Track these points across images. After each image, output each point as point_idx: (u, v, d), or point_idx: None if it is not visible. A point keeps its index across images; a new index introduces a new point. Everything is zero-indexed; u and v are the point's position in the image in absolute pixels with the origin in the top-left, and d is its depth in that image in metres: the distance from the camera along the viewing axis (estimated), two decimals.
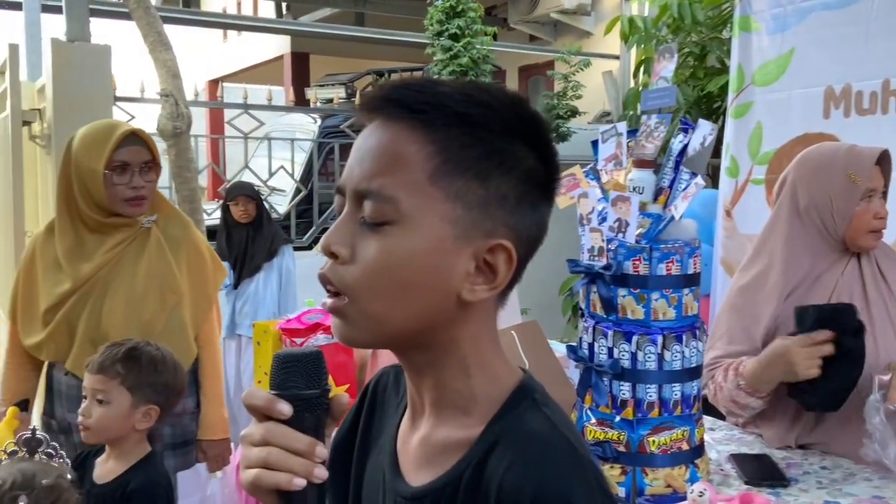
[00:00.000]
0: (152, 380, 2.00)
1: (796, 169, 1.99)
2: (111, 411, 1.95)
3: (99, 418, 1.94)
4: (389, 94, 0.78)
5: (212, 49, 14.73)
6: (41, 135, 3.70)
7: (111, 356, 1.98)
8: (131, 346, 2.02)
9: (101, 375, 1.96)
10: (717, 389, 1.96)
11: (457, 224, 0.75)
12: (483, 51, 5.79)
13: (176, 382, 2.09)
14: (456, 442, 0.79)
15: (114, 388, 1.95)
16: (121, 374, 1.96)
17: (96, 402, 1.95)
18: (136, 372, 1.98)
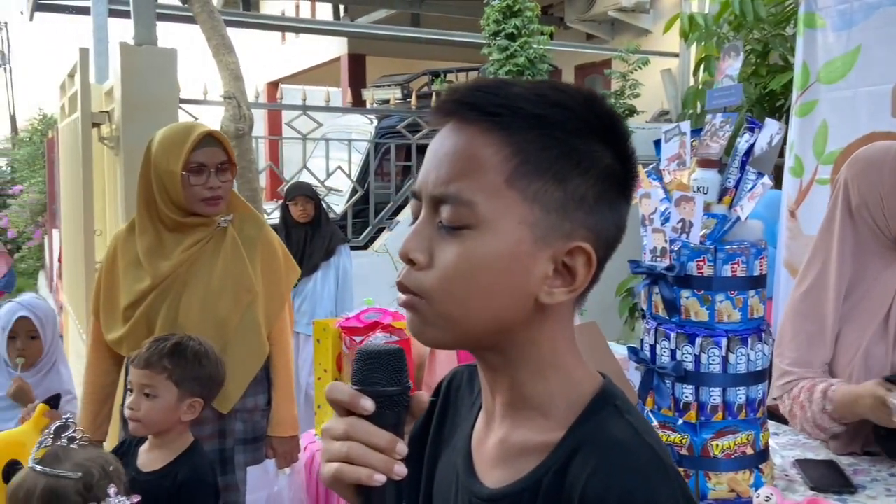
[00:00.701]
0: (197, 373, 2.06)
1: (848, 168, 1.96)
2: (158, 404, 2.00)
3: (147, 411, 1.99)
4: (463, 97, 0.77)
5: (270, 51, 14.97)
6: (110, 136, 3.81)
7: (157, 351, 2.03)
8: (176, 342, 2.07)
9: (148, 371, 2.01)
10: (798, 407, 1.92)
11: (535, 227, 0.75)
12: (540, 50, 5.77)
13: (218, 375, 2.14)
14: (534, 446, 0.79)
15: (160, 383, 2.00)
16: (167, 369, 2.01)
17: (144, 395, 2.00)
18: (182, 366, 2.03)
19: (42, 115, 14.38)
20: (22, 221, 9.91)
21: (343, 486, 0.76)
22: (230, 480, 2.40)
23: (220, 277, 2.36)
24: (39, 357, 2.78)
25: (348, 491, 0.77)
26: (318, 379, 2.84)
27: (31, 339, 2.77)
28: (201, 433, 2.31)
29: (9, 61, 22.19)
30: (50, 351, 2.83)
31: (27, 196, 10.23)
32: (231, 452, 2.40)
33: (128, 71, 3.54)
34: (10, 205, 10.63)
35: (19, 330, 2.75)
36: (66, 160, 4.94)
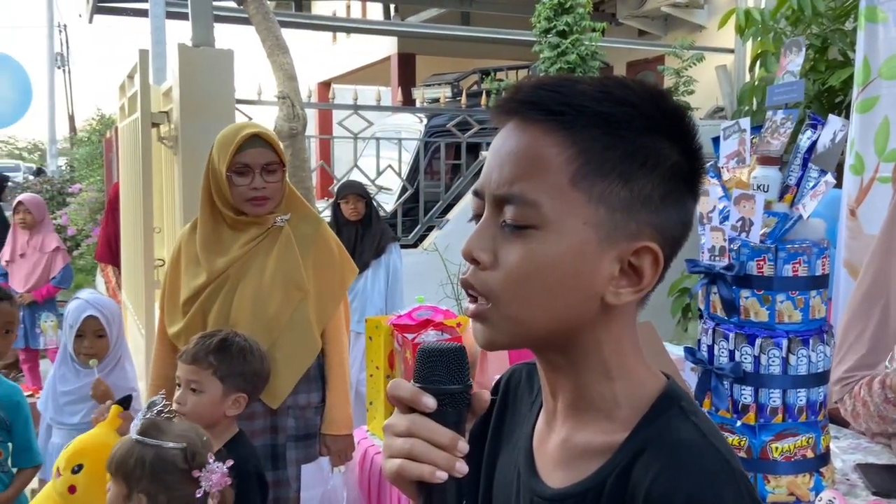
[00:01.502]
0: (241, 369, 2.10)
1: None
2: (204, 399, 2.06)
3: (193, 406, 2.05)
4: (526, 96, 0.77)
5: (321, 51, 15.12)
6: (168, 136, 3.89)
7: (203, 348, 2.09)
8: (222, 338, 2.12)
9: (195, 366, 2.07)
10: (860, 404, 1.87)
11: (600, 227, 0.74)
12: (591, 47, 5.73)
13: (263, 371, 2.19)
14: (598, 447, 0.78)
15: (206, 378, 2.06)
16: (213, 365, 2.07)
17: (190, 390, 2.06)
18: (227, 362, 2.08)
19: (100, 115, 14.76)
20: (81, 219, 10.16)
21: (405, 483, 0.77)
22: (281, 476, 2.43)
23: (271, 275, 2.40)
24: (106, 354, 2.86)
25: (410, 487, 0.78)
26: (370, 376, 2.86)
27: (98, 337, 2.84)
28: (252, 428, 2.35)
29: (68, 63, 22.80)
30: (115, 348, 2.91)
31: (86, 195, 10.49)
32: (283, 448, 2.44)
33: (186, 72, 3.61)
34: (69, 203, 10.92)
35: (87, 329, 2.82)
36: (126, 159, 5.06)
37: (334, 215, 4.61)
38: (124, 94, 5.07)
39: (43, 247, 5.63)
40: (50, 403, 2.86)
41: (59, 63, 21.87)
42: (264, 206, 2.40)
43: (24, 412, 2.63)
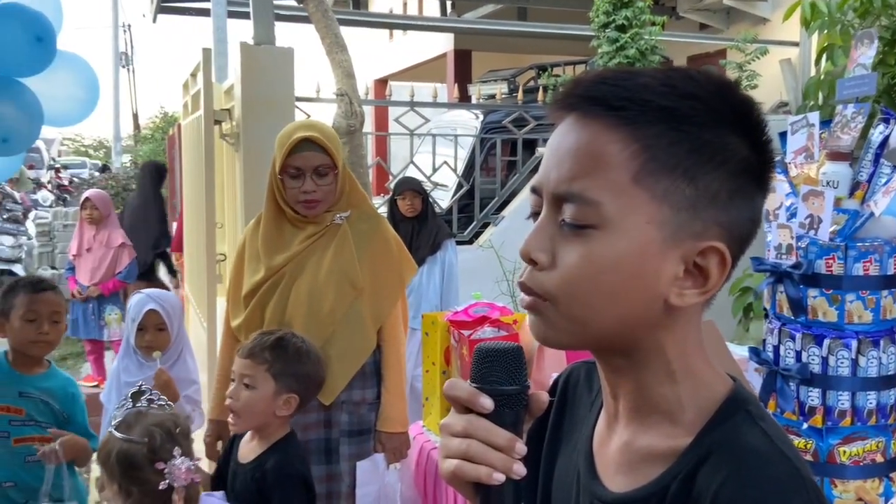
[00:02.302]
0: (296, 369, 2.09)
1: None
2: (255, 395, 2.04)
3: (245, 401, 2.04)
4: (586, 91, 0.74)
5: (378, 49, 15.22)
6: (230, 133, 3.97)
7: (260, 343, 2.09)
8: (279, 336, 2.12)
9: (250, 360, 2.07)
10: None
11: (664, 227, 0.72)
12: (651, 41, 5.64)
13: (317, 375, 2.17)
14: (661, 451, 0.76)
15: (260, 374, 2.05)
16: (268, 361, 2.06)
17: (243, 385, 2.06)
18: (283, 360, 2.07)
19: (163, 113, 15.13)
20: None
21: (462, 484, 0.76)
22: (334, 470, 2.45)
23: (326, 272, 2.42)
24: (167, 347, 2.93)
25: (467, 488, 0.77)
26: (426, 372, 2.87)
27: (159, 330, 2.91)
28: (306, 421, 2.38)
29: (132, 62, 23.39)
30: (177, 341, 2.97)
31: None
32: (336, 443, 2.45)
33: (247, 70, 3.67)
34: None
35: (148, 323, 2.89)
36: (189, 156, 5.18)
37: (390, 212, 4.63)
38: (187, 92, 5.18)
39: (109, 242, 5.80)
40: (114, 395, 2.93)
41: (124, 62, 22.45)
42: (315, 209, 2.42)
43: (80, 403, 2.69)
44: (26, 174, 14.36)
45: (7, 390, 2.54)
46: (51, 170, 19.79)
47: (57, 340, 2.64)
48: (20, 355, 2.59)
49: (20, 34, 2.63)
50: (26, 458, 2.52)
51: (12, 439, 2.52)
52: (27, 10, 2.67)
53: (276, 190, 2.44)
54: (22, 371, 2.58)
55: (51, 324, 2.57)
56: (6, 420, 2.52)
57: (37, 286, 2.60)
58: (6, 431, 2.51)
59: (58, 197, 15.84)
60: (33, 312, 2.53)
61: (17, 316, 2.54)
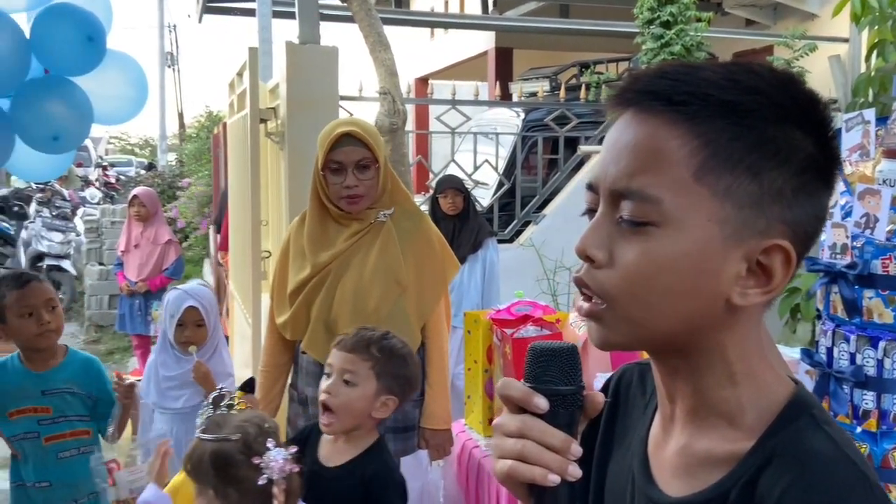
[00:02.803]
0: (399, 371, 1.99)
1: None
2: (356, 393, 1.92)
3: (345, 399, 1.91)
4: (646, 86, 0.73)
5: (419, 47, 15.26)
6: (275, 132, 4.01)
7: (365, 338, 1.97)
8: (384, 334, 2.01)
9: (354, 355, 1.94)
10: None
11: (726, 224, 0.70)
12: (697, 38, 5.56)
13: (416, 380, 2.09)
14: (720, 456, 0.75)
15: (363, 371, 1.93)
16: (374, 358, 1.94)
17: (343, 381, 1.92)
18: (388, 359, 1.96)
19: (208, 112, 15.34)
20: (190, 212, 10.59)
21: (515, 484, 0.76)
22: None
23: (371, 269, 2.43)
24: (204, 342, 2.97)
25: (521, 489, 0.76)
26: (468, 370, 2.87)
27: (198, 326, 2.95)
28: None
29: (177, 62, 23.76)
30: (213, 336, 3.02)
31: (195, 189, 10.91)
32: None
33: (293, 69, 3.70)
34: (179, 197, 11.39)
35: (187, 318, 2.93)
36: (234, 155, 5.24)
37: (432, 210, 4.64)
38: (233, 91, 5.24)
39: (156, 238, 5.91)
40: (152, 389, 2.98)
41: (169, 62, 22.81)
42: (358, 204, 2.43)
43: (104, 378, 2.69)
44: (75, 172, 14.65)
45: (29, 392, 2.54)
46: (98, 168, 20.22)
47: (61, 326, 2.61)
48: (32, 353, 2.57)
49: (71, 34, 2.69)
50: (58, 456, 2.55)
51: (43, 439, 2.54)
52: (78, 10, 2.72)
53: (320, 187, 2.46)
54: (39, 369, 2.57)
55: (48, 311, 2.53)
56: (34, 421, 2.53)
57: (21, 280, 2.55)
58: (35, 432, 2.53)
59: (105, 194, 16.17)
60: (27, 307, 2.50)
61: (13, 315, 2.50)
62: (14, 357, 2.60)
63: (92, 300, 8.47)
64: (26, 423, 2.52)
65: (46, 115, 2.73)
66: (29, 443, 2.53)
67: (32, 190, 10.50)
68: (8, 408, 2.53)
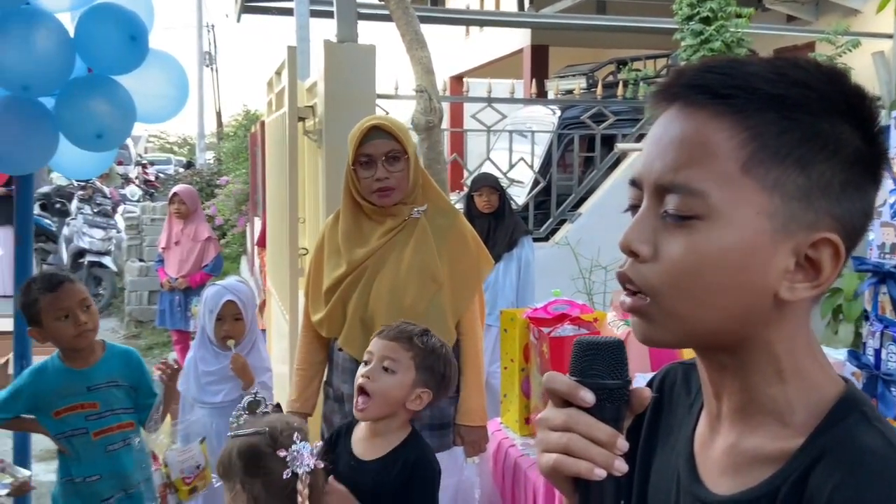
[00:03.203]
0: (437, 366, 2.01)
1: None
2: (394, 381, 1.94)
3: (382, 385, 1.93)
4: (692, 80, 0.73)
5: (454, 46, 15.26)
6: (313, 130, 4.04)
7: (408, 330, 2.00)
8: (425, 330, 2.05)
9: (396, 343, 1.97)
10: None
11: (774, 217, 0.70)
12: (737, 34, 5.48)
13: (452, 380, 2.10)
14: (769, 454, 0.74)
15: (404, 360, 1.95)
16: (416, 349, 1.97)
17: (382, 368, 1.95)
18: (428, 354, 1.99)
19: (245, 110, 15.49)
20: (227, 210, 10.70)
21: (560, 478, 0.75)
22: None
23: (407, 266, 2.44)
24: (243, 336, 3.01)
25: (566, 484, 0.76)
26: (505, 368, 2.86)
27: (236, 320, 2.99)
28: None
29: (215, 61, 24.02)
30: (251, 330, 3.06)
31: (232, 186, 11.02)
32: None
33: (331, 67, 3.72)
34: (217, 194, 11.53)
35: (226, 313, 2.97)
36: (273, 153, 5.29)
37: (467, 208, 4.64)
38: (272, 90, 5.29)
39: (196, 235, 5.99)
40: (192, 383, 3.02)
41: (208, 61, 23.08)
42: (390, 196, 2.44)
43: (143, 368, 2.73)
44: (115, 170, 14.93)
45: (74, 389, 2.57)
46: (138, 166, 20.55)
47: (96, 324, 2.63)
48: (71, 352, 2.60)
49: (114, 33, 2.72)
50: (107, 449, 2.59)
51: (91, 434, 2.57)
52: (121, 10, 2.76)
53: (351, 183, 2.47)
54: (82, 367, 2.60)
55: (83, 311, 2.55)
56: (82, 416, 2.57)
57: (53, 282, 2.57)
58: (84, 428, 2.57)
59: (144, 192, 16.43)
60: (62, 309, 2.52)
61: (50, 318, 2.52)
62: (54, 357, 2.64)
63: (132, 296, 8.61)
64: (74, 420, 2.56)
65: (90, 113, 2.77)
66: (78, 439, 2.57)
67: (74, 187, 10.70)
68: (55, 407, 2.56)
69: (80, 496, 2.59)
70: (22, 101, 2.74)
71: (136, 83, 2.87)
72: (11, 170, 2.94)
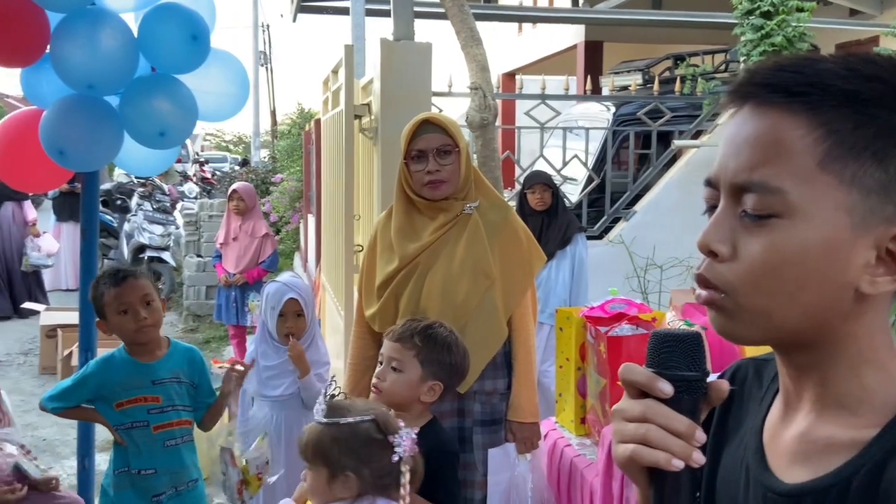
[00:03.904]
0: (442, 358, 2.14)
1: None
2: (402, 379, 2.11)
3: (391, 383, 2.11)
4: (765, 79, 0.74)
5: (506, 43, 15.22)
6: (369, 128, 4.07)
7: (410, 329, 2.15)
8: (428, 324, 2.17)
9: (399, 345, 2.13)
10: None
11: (853, 212, 0.71)
12: (799, 28, 5.35)
13: (462, 366, 2.21)
14: (843, 442, 0.74)
15: (408, 359, 2.11)
16: (417, 347, 2.11)
17: (391, 368, 2.12)
18: (430, 348, 2.12)
19: (300, 109, 15.71)
20: (282, 207, 10.86)
21: (636, 469, 0.76)
22: (468, 459, 2.48)
23: (460, 262, 2.44)
24: (304, 332, 3.05)
25: (641, 475, 0.77)
26: (560, 368, 2.84)
27: (298, 316, 3.03)
28: (441, 409, 2.41)
29: (270, 60, 24.35)
30: (311, 326, 3.10)
31: (286, 184, 11.18)
32: (469, 432, 2.48)
33: (387, 65, 3.75)
34: (272, 192, 11.70)
35: (288, 310, 3.02)
36: (328, 150, 5.34)
37: (520, 205, 4.62)
38: (327, 88, 5.34)
39: (254, 232, 6.10)
40: (253, 378, 3.07)
41: (263, 61, 23.42)
42: (440, 189, 2.45)
43: (203, 367, 2.77)
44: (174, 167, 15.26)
45: (139, 381, 2.62)
46: (195, 163, 20.97)
47: (159, 320, 2.66)
48: (134, 346, 2.64)
49: (177, 33, 2.78)
50: (165, 444, 2.62)
51: (152, 427, 2.61)
52: (184, 10, 2.81)
53: (404, 178, 2.50)
54: (147, 360, 2.65)
55: (144, 307, 2.59)
56: (144, 410, 2.61)
57: (117, 278, 2.60)
58: (145, 420, 2.61)
59: (202, 189, 16.76)
60: (124, 304, 2.56)
61: (112, 312, 2.58)
62: (121, 349, 2.69)
63: (190, 291, 8.80)
64: (137, 413, 2.61)
65: (154, 111, 2.83)
66: (138, 431, 2.61)
67: (134, 184, 10.97)
68: (118, 398, 2.61)
69: (135, 488, 2.62)
70: (88, 99, 2.81)
71: (197, 82, 2.92)
72: (78, 167, 3.01)
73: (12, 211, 8.36)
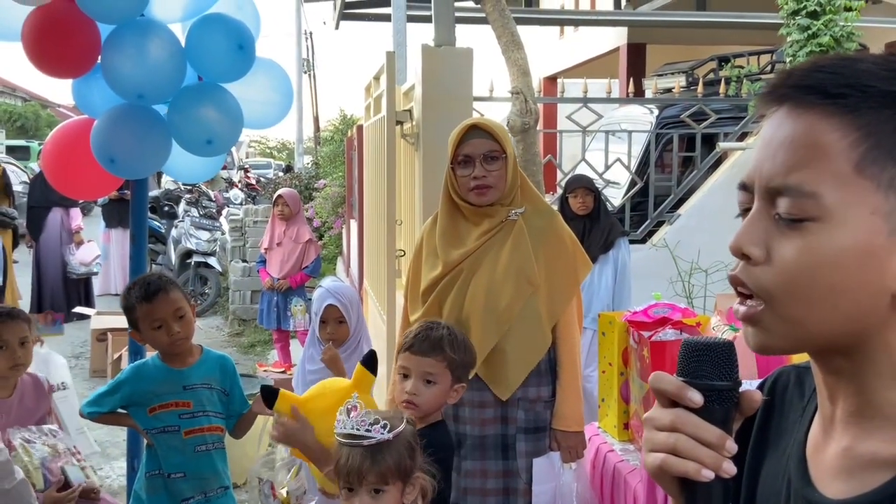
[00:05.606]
0: (464, 360, 2.15)
1: None
2: (437, 390, 2.09)
3: (428, 397, 2.08)
4: (801, 80, 0.73)
5: (548, 46, 15.15)
6: (410, 133, 4.09)
7: (436, 339, 2.10)
8: (448, 330, 2.15)
9: (432, 359, 2.08)
10: None
11: (890, 217, 0.69)
12: (848, 28, 5.23)
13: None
14: (887, 458, 0.72)
15: (441, 370, 2.09)
16: (448, 358, 2.10)
17: (425, 382, 2.08)
18: (457, 353, 2.12)
19: (342, 115, 15.83)
20: (325, 212, 10.96)
21: (667, 479, 0.76)
22: (511, 466, 2.47)
23: (504, 268, 2.44)
24: (346, 339, 3.06)
25: (672, 484, 0.76)
26: (603, 372, 2.82)
27: (339, 323, 3.04)
28: (483, 416, 2.41)
29: (313, 68, 24.60)
30: (355, 332, 3.10)
31: (329, 190, 11.27)
32: (512, 440, 2.47)
33: (428, 71, 3.77)
34: (315, 197, 11.82)
35: (329, 316, 3.02)
36: (370, 156, 5.39)
37: (562, 209, 4.59)
38: (369, 94, 5.38)
39: (297, 237, 6.18)
40: (300, 380, 3.10)
41: (306, 68, 23.68)
42: (486, 195, 2.45)
43: (235, 376, 2.80)
44: (220, 174, 15.51)
45: (171, 387, 2.65)
46: (240, 170, 21.28)
47: (190, 332, 2.68)
48: (169, 356, 2.69)
49: (223, 42, 2.83)
50: (196, 449, 2.65)
51: (183, 432, 2.64)
52: (230, 20, 2.87)
53: (450, 183, 2.50)
54: (179, 366, 2.68)
55: (177, 321, 2.61)
56: (176, 415, 2.64)
57: (149, 293, 2.60)
58: (176, 425, 2.64)
59: (246, 195, 17.00)
60: (157, 320, 2.59)
61: (146, 327, 2.61)
62: (155, 357, 2.75)
63: (235, 295, 8.92)
64: (168, 417, 2.65)
65: (201, 119, 2.89)
66: (170, 436, 2.64)
67: (181, 191, 11.18)
68: (151, 404, 2.65)
69: (166, 490, 2.65)
70: (137, 108, 2.88)
71: (243, 90, 2.97)
72: (128, 174, 3.09)
73: (61, 217, 8.57)
